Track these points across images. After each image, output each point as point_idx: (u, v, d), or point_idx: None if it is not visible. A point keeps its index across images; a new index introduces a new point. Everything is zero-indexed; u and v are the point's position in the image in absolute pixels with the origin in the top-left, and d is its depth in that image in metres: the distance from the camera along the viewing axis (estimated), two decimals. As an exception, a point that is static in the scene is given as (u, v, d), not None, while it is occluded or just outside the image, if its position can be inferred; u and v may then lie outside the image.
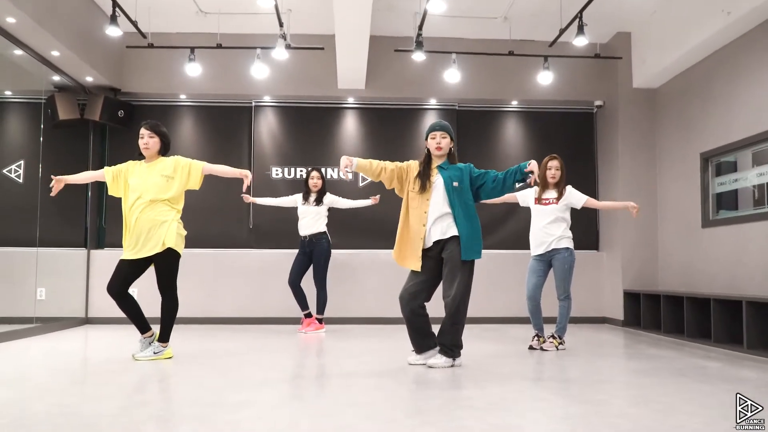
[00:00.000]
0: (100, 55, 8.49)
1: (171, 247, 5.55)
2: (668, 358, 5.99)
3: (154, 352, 5.64)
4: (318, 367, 5.55)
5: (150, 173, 5.68)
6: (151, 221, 5.55)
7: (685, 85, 8.43)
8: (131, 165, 5.82)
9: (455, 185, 5.25)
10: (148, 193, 5.59)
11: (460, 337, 5.26)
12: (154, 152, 5.75)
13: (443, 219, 5.24)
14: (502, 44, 9.10)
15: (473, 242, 5.21)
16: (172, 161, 5.77)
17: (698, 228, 8.01)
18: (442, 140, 5.33)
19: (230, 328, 8.56)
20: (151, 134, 5.73)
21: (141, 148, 5.73)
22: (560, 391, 4.35)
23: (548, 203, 6.46)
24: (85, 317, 8.96)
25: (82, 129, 9.10)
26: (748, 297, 6.31)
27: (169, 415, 3.59)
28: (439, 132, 5.35)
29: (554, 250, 6.38)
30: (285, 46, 8.11)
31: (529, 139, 9.76)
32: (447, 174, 5.30)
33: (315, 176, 8.19)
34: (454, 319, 5.17)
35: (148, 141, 5.71)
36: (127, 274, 5.62)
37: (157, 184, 5.63)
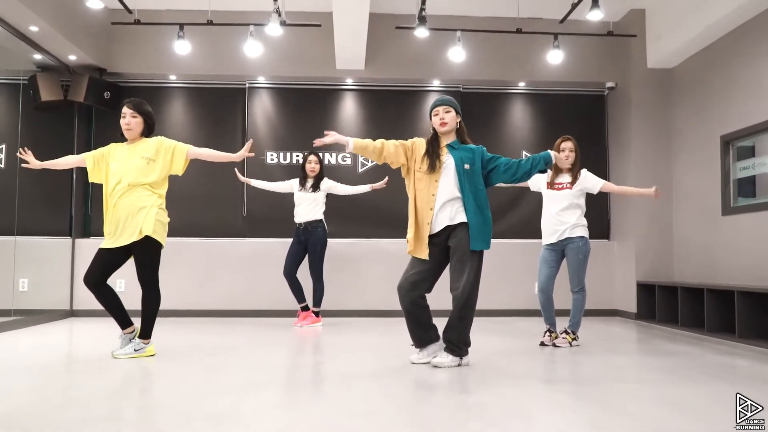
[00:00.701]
0: (84, 32, 8.01)
1: (150, 236, 5.10)
2: (691, 354, 5.55)
3: (135, 350, 5.20)
4: (312, 368, 5.10)
5: (131, 155, 5.25)
6: (129, 207, 5.12)
7: (703, 64, 7.96)
8: (113, 147, 5.40)
9: (466, 167, 4.79)
10: (127, 177, 5.16)
11: (468, 333, 4.80)
12: (137, 133, 5.31)
13: (452, 203, 4.78)
14: (510, 22, 8.61)
15: (483, 231, 4.75)
16: (154, 142, 5.33)
17: (718, 215, 7.55)
18: (446, 115, 4.86)
19: (222, 321, 8.13)
20: (133, 113, 5.28)
21: (123, 128, 5.30)
22: (579, 394, 3.90)
23: (561, 188, 5.99)
24: (70, 309, 8.51)
25: (67, 111, 8.63)
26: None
27: (137, 428, 3.14)
28: (442, 107, 4.88)
29: (568, 239, 5.93)
30: (280, 22, 7.64)
31: (537, 123, 9.29)
32: (458, 155, 4.83)
33: (312, 160, 7.72)
34: (463, 312, 4.72)
35: (130, 121, 5.27)
36: (106, 265, 5.19)
37: (137, 166, 5.19)
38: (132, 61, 8.75)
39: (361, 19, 7.65)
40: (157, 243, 5.19)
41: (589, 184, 6.00)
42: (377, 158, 4.88)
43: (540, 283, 6.02)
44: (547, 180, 6.08)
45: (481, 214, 4.76)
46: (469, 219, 4.73)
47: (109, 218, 5.18)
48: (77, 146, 8.62)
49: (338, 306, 8.59)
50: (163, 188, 5.36)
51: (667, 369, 4.83)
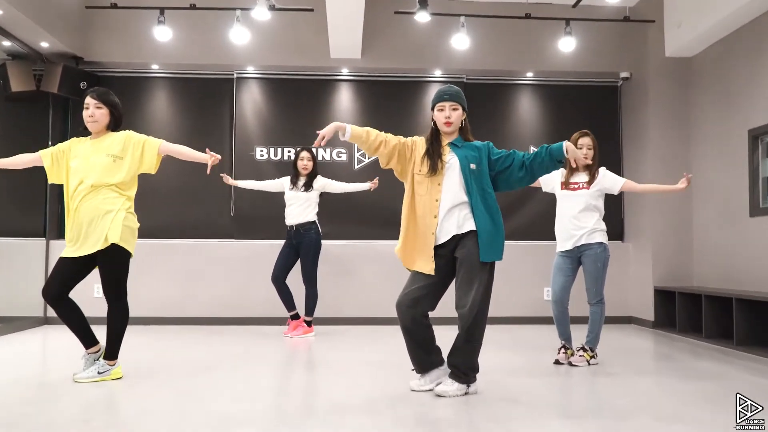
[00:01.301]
0: (56, 17, 7.39)
1: (117, 244, 4.50)
2: (725, 375, 4.96)
3: (99, 372, 4.59)
4: (300, 395, 4.49)
5: (94, 152, 4.65)
6: (93, 210, 4.52)
7: (727, 52, 7.34)
8: (74, 143, 4.80)
9: (473, 167, 4.17)
10: (90, 177, 4.56)
11: (476, 357, 4.18)
12: (102, 126, 4.72)
13: (459, 209, 4.16)
14: (518, 7, 7.99)
15: (494, 239, 4.13)
16: (121, 137, 4.73)
17: (745, 216, 6.94)
18: (452, 113, 4.23)
19: (206, 329, 7.54)
20: (98, 104, 4.68)
21: (86, 120, 4.70)
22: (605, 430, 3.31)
23: (578, 188, 5.38)
24: (44, 316, 7.90)
25: (41, 103, 8.01)
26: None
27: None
28: (449, 103, 4.23)
29: (585, 245, 5.32)
30: (268, 6, 7.03)
31: (546, 116, 8.67)
32: (462, 153, 4.22)
33: (305, 157, 7.11)
34: (470, 334, 4.10)
35: (94, 112, 4.67)
36: (68, 275, 4.60)
37: (102, 165, 4.59)
38: (110, 49, 8.12)
39: (357, 4, 7.04)
40: (124, 251, 4.59)
41: (608, 184, 5.39)
42: (370, 151, 4.27)
43: (554, 294, 5.41)
44: (561, 179, 5.47)
45: (492, 219, 4.14)
46: (479, 226, 4.11)
47: (71, 223, 4.59)
48: (52, 140, 7.99)
49: (332, 313, 7.98)
50: (132, 189, 4.77)
51: (704, 396, 4.23)
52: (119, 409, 3.88)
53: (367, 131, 4.23)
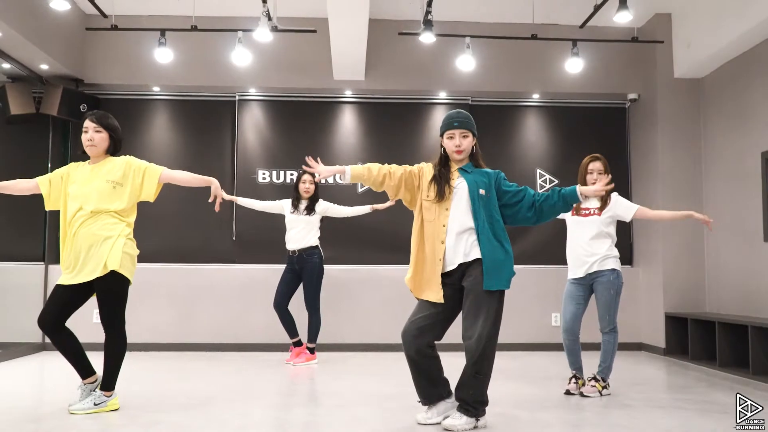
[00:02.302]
0: (56, 39, 7.30)
1: (116, 271, 4.35)
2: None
3: (95, 404, 4.43)
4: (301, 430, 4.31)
5: (93, 177, 4.54)
6: (92, 237, 4.40)
7: (739, 73, 7.21)
8: (72, 168, 4.70)
9: (482, 193, 4.05)
10: (89, 203, 4.44)
11: (485, 391, 4.00)
12: (101, 151, 4.63)
13: (466, 235, 4.02)
14: (524, 27, 7.88)
15: (500, 267, 3.96)
16: (121, 163, 4.62)
17: (759, 241, 6.77)
18: (462, 140, 4.12)
19: (207, 356, 7.37)
20: (97, 128, 4.59)
21: (84, 144, 4.60)
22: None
23: (588, 214, 5.24)
24: (42, 342, 7.74)
25: (41, 126, 7.91)
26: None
27: None
28: (459, 130, 4.12)
29: (597, 272, 5.16)
30: (271, 28, 6.92)
31: (552, 138, 8.54)
32: (471, 178, 4.10)
33: (307, 180, 6.98)
34: (478, 366, 3.92)
35: (93, 136, 4.58)
36: (64, 304, 4.48)
37: (101, 190, 4.48)
38: (110, 71, 8.03)
39: (360, 25, 6.95)
40: (123, 279, 4.46)
41: (620, 210, 5.24)
42: (376, 187, 4.17)
43: (565, 323, 5.24)
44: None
45: (500, 246, 3.99)
46: (484, 253, 3.96)
47: (68, 250, 4.46)
48: (51, 162, 7.89)
49: (334, 339, 7.80)
50: (131, 216, 4.65)
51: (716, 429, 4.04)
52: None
53: (368, 168, 4.16)
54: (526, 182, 8.19)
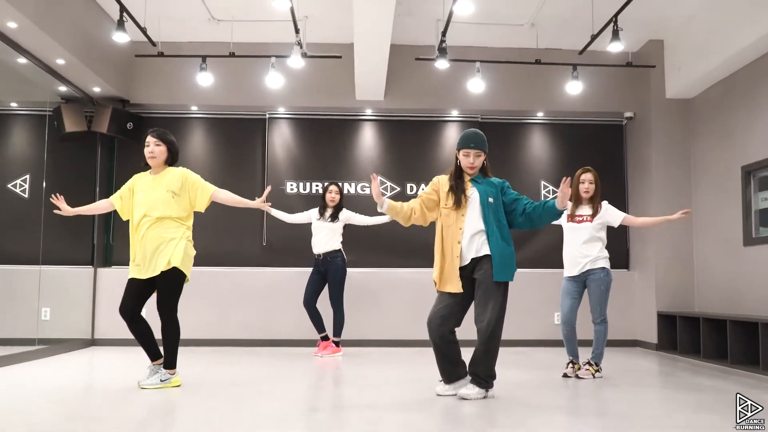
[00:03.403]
0: (108, 64, 8.13)
1: (177, 267, 5.15)
2: (717, 389, 5.50)
3: (161, 380, 5.21)
4: (338, 399, 5.10)
5: (156, 186, 5.31)
6: (158, 239, 5.18)
7: (724, 94, 7.97)
8: (137, 178, 5.48)
9: (491, 201, 4.84)
10: (154, 210, 5.22)
11: (493, 365, 4.80)
12: (161, 162, 5.39)
13: (478, 236, 4.80)
14: (529, 52, 8.68)
15: (507, 263, 4.77)
16: (179, 175, 5.36)
17: (740, 246, 7.52)
18: (476, 159, 4.89)
19: (241, 350, 8.13)
20: (157, 142, 5.35)
21: (146, 156, 5.37)
22: (606, 428, 3.88)
23: (582, 221, 6.01)
24: (91, 338, 8.55)
25: (90, 142, 8.73)
26: (802, 321, 5.81)
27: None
28: (474, 150, 4.87)
29: (589, 271, 5.95)
30: (301, 54, 7.73)
31: (555, 153, 9.31)
32: (482, 188, 4.89)
33: (333, 190, 7.79)
34: (488, 345, 4.72)
35: (154, 149, 5.34)
36: (139, 296, 5.28)
37: (163, 200, 5.25)
38: (154, 92, 8.86)
39: (382, 51, 7.73)
40: (182, 275, 5.24)
41: (609, 218, 6.01)
42: (406, 222, 4.95)
43: (563, 315, 6.01)
44: (567, 212, 6.08)
45: (506, 245, 4.79)
46: (492, 251, 4.74)
47: (136, 249, 5.22)
48: (99, 176, 8.72)
49: (358, 336, 8.57)
50: (190, 220, 5.44)
51: (695, 404, 4.80)
52: (182, 412, 4.48)
53: (401, 204, 4.89)
54: (532, 192, 9.04)
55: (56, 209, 5.49)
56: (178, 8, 7.96)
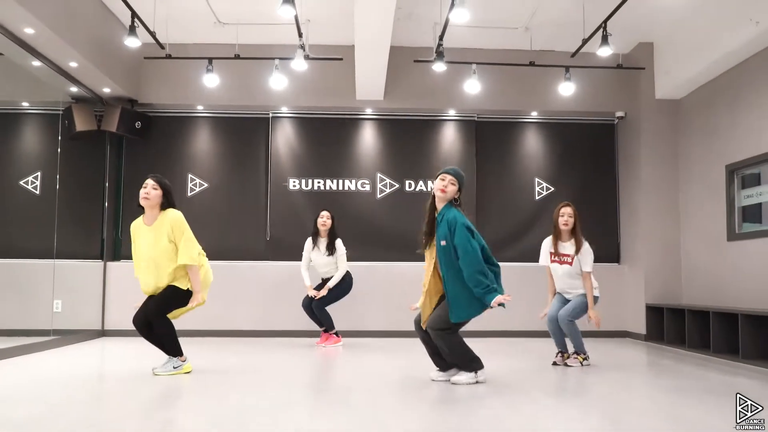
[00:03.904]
0: (118, 66, 8.46)
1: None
2: (696, 375, 5.84)
3: (174, 367, 5.56)
4: (340, 385, 5.44)
5: (155, 237, 5.55)
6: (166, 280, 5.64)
7: (710, 95, 8.30)
8: (134, 229, 5.73)
9: (443, 244, 5.06)
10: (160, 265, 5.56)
11: (466, 357, 5.15)
12: (155, 204, 5.59)
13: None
14: (523, 54, 8.99)
15: (461, 303, 5.02)
16: (170, 221, 5.56)
17: (723, 241, 7.86)
18: (449, 186, 5.14)
19: (246, 341, 8.46)
20: (155, 185, 5.59)
21: (141, 196, 5.57)
22: (592, 410, 4.23)
23: (563, 262, 6.42)
24: (102, 329, 8.89)
25: (99, 140, 9.06)
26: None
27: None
28: (449, 176, 5.16)
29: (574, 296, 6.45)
30: (304, 56, 8.04)
31: (549, 151, 9.64)
32: (440, 229, 5.11)
33: (324, 215, 8.05)
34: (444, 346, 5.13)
35: (150, 192, 5.56)
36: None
37: (165, 251, 5.55)
38: (162, 93, 9.18)
39: (382, 52, 8.03)
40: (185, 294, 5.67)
41: (582, 261, 6.34)
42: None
43: (550, 314, 6.39)
44: (550, 250, 6.49)
45: (462, 287, 5.00)
46: (447, 293, 5.06)
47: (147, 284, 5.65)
48: (108, 173, 9.05)
49: (357, 327, 8.90)
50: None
51: (674, 388, 5.14)
52: (196, 395, 4.82)
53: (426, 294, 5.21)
54: (526, 189, 9.40)
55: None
56: (185, 12, 8.28)
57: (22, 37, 6.78)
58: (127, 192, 9.18)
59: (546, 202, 9.40)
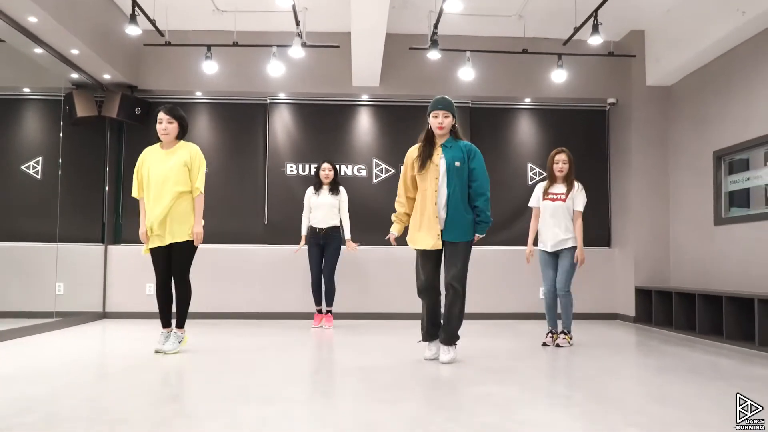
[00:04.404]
0: (119, 53, 8.59)
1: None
2: (681, 355, 6.06)
3: (179, 341, 5.76)
4: (337, 364, 5.64)
5: (169, 159, 5.70)
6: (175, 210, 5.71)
7: (700, 83, 8.47)
8: (147, 154, 5.84)
9: (457, 165, 5.25)
10: (169, 182, 5.65)
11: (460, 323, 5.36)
12: (173, 137, 5.78)
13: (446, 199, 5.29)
14: (517, 42, 9.15)
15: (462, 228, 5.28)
16: (192, 152, 5.79)
17: (710, 226, 8.06)
18: (444, 120, 5.30)
19: (245, 323, 8.64)
20: (170, 119, 5.73)
21: (159, 133, 5.74)
22: (578, 387, 4.43)
23: (555, 199, 6.51)
24: (103, 312, 9.06)
25: (100, 126, 9.20)
26: (761, 295, 6.37)
27: (198, 411, 3.69)
28: (441, 111, 5.30)
29: (561, 250, 6.49)
30: (301, 44, 8.18)
31: (542, 137, 9.81)
32: (450, 153, 5.30)
33: (326, 167, 8.16)
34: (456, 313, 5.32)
35: (167, 127, 5.72)
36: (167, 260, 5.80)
37: (178, 172, 5.68)
38: (161, 79, 9.32)
39: (378, 40, 8.16)
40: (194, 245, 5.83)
41: (576, 199, 6.49)
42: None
43: (547, 285, 6.55)
44: (542, 190, 6.62)
45: (465, 212, 5.27)
46: (449, 214, 5.24)
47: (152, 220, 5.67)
48: (109, 159, 9.21)
49: (354, 309, 9.11)
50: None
51: (659, 367, 5.36)
52: (198, 374, 5.01)
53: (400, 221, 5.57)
54: (519, 175, 9.58)
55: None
56: (184, 0, 8.40)
57: (26, 25, 6.92)
58: (127, 177, 9.30)
59: (538, 187, 9.58)
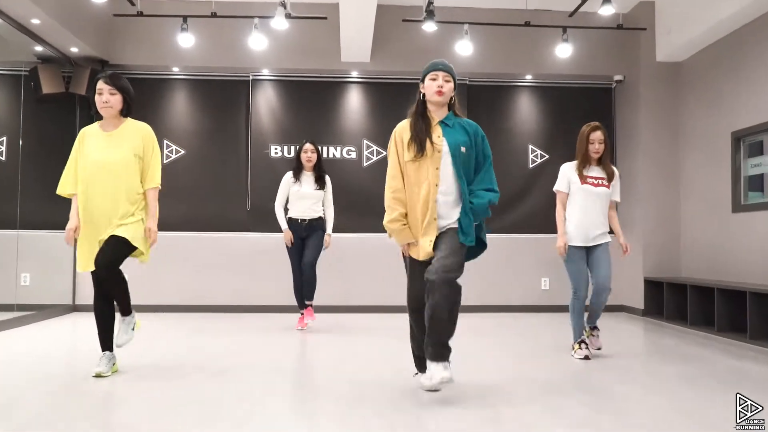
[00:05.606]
0: (86, 24, 7.90)
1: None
2: (702, 358, 5.50)
3: (132, 329, 4.69)
4: (321, 374, 5.03)
5: (115, 146, 4.53)
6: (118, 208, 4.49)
7: (714, 58, 7.86)
8: (85, 137, 4.65)
9: (463, 151, 3.99)
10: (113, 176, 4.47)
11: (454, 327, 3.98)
12: (116, 112, 4.59)
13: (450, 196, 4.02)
14: (518, 14, 8.50)
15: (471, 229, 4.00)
16: (144, 137, 4.61)
17: (728, 212, 7.48)
18: (445, 84, 3.99)
19: (225, 316, 8.08)
20: (111, 89, 4.55)
21: (98, 106, 4.56)
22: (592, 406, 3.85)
23: (599, 184, 5.32)
24: (73, 304, 8.45)
25: (68, 103, 8.54)
26: (790, 290, 5.79)
27: None
28: (442, 72, 4.01)
29: (597, 245, 5.40)
30: (285, 15, 7.52)
31: (543, 116, 9.20)
32: (453, 136, 4.02)
33: (308, 149, 7.09)
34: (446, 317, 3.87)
35: (109, 98, 4.54)
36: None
37: (126, 164, 4.51)
38: (134, 53, 8.64)
39: (368, 12, 7.53)
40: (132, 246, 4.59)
41: (613, 190, 5.45)
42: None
43: (581, 287, 5.44)
44: (576, 172, 5.39)
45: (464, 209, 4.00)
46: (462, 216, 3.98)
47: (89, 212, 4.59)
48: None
49: (345, 302, 8.55)
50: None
51: (679, 375, 4.77)
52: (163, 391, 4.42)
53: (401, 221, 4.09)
54: (520, 157, 8.99)
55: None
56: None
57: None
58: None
59: (540, 171, 9.01)
